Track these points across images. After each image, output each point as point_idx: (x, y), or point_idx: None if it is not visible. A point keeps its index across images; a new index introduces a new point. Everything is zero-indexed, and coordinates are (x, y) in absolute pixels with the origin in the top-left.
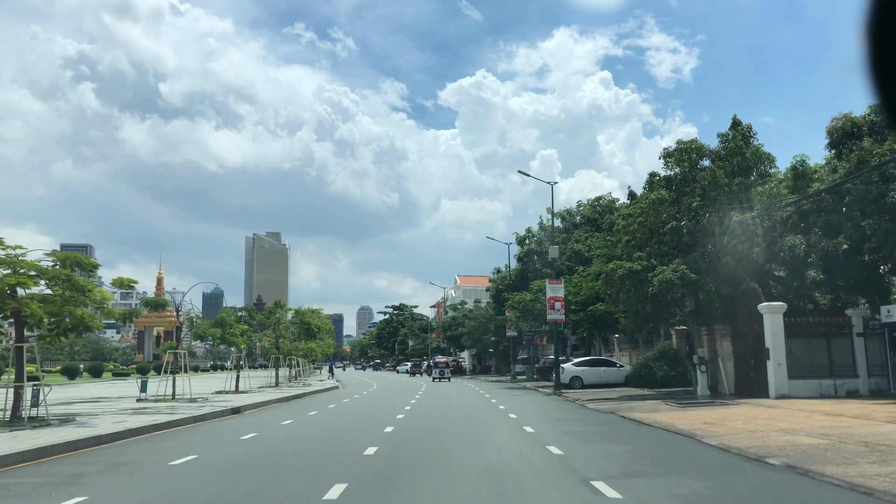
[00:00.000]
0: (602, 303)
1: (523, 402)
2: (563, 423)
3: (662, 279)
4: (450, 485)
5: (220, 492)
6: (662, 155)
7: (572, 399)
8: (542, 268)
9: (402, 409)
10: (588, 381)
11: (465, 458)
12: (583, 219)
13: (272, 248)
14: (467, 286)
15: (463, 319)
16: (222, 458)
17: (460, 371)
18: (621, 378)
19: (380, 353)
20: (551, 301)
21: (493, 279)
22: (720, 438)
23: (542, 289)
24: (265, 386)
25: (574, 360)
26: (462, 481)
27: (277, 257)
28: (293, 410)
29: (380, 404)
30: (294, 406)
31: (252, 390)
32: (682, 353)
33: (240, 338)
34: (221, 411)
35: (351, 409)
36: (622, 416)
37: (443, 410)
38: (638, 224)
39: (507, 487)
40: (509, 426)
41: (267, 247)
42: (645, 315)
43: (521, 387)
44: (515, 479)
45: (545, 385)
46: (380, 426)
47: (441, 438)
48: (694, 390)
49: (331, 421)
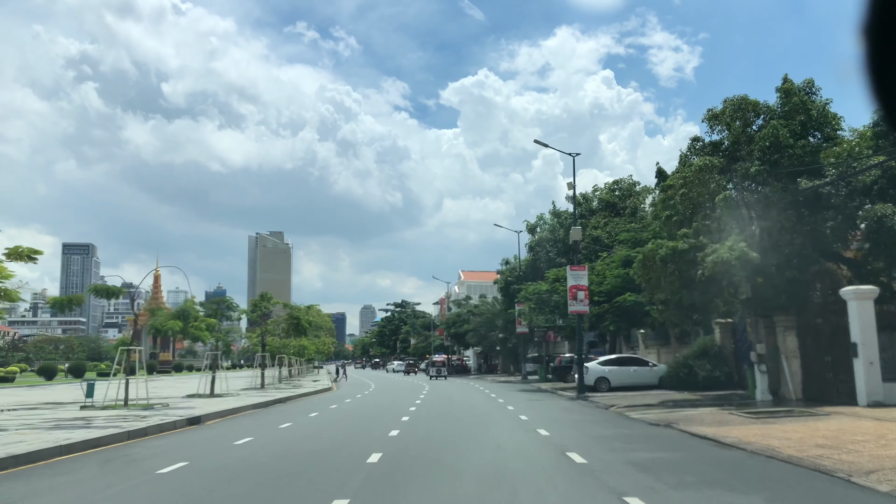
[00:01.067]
0: (631, 293)
1: (547, 409)
2: (616, 445)
3: (717, 259)
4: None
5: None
6: (707, 117)
7: (604, 405)
8: (556, 256)
9: (399, 419)
10: (616, 382)
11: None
12: (601, 203)
13: (275, 247)
14: (472, 282)
15: (468, 316)
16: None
17: (465, 370)
18: (654, 379)
19: (381, 351)
20: (573, 290)
21: (502, 271)
22: (877, 476)
23: (559, 278)
24: (249, 388)
25: (598, 358)
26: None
27: (280, 256)
28: (265, 420)
29: (374, 411)
30: (270, 414)
31: (231, 393)
32: (726, 351)
33: (205, 332)
34: (173, 422)
35: (335, 419)
36: (687, 433)
37: (451, 424)
38: (681, 196)
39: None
40: (547, 451)
41: (270, 246)
42: (690, 304)
43: (536, 389)
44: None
45: (564, 387)
46: (373, 442)
47: (453, 477)
48: (751, 394)
49: (302, 438)
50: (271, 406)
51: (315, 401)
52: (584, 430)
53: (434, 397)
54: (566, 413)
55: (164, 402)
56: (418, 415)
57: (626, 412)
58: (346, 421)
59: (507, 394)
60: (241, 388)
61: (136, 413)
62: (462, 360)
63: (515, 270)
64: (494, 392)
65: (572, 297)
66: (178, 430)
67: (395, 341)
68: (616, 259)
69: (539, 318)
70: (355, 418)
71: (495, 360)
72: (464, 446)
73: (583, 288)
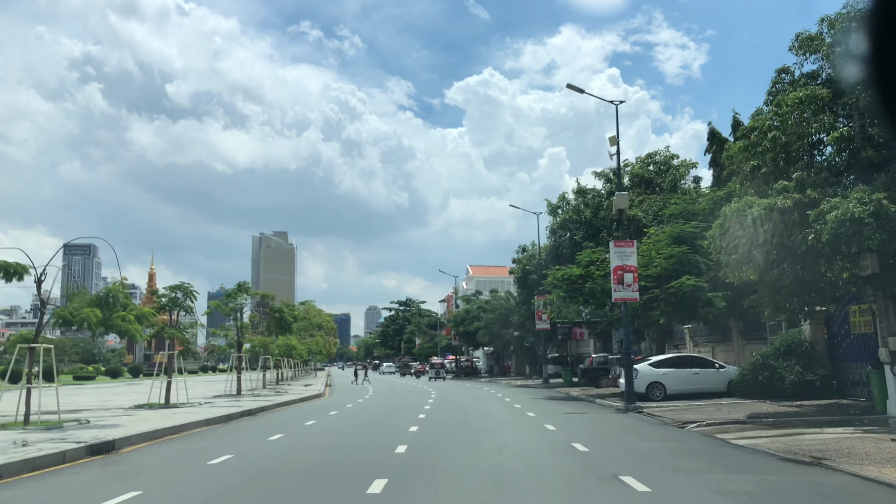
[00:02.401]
0: (691, 276)
1: (598, 428)
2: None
3: (841, 216)
4: None
5: None
6: (795, 46)
7: (673, 421)
8: (583, 240)
9: (406, 431)
10: (673, 388)
11: None
12: (634, 179)
13: (279, 247)
14: (480, 277)
15: (478, 312)
16: None
17: (474, 372)
18: (721, 384)
19: (385, 352)
20: (618, 272)
21: (519, 258)
22: None
23: (594, 261)
24: (223, 395)
25: (649, 358)
26: None
27: (284, 257)
28: (205, 446)
29: (368, 426)
30: (221, 435)
31: (190, 403)
32: (818, 348)
33: (135, 325)
34: (61, 454)
35: (303, 448)
36: (873, 481)
37: (475, 459)
38: (771, 141)
39: None
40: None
41: (274, 246)
42: (794, 283)
43: (564, 396)
44: None
45: (599, 394)
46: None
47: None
48: (878, 407)
49: (220, 500)
50: (234, 421)
51: (295, 412)
52: (692, 477)
53: (443, 410)
54: (632, 436)
55: (84, 418)
56: (425, 438)
57: (718, 434)
58: (319, 454)
59: (534, 403)
60: (213, 396)
61: (25, 436)
62: (471, 361)
63: (534, 258)
64: (514, 399)
65: (617, 280)
66: (68, 464)
67: (400, 342)
68: (665, 237)
69: (570, 308)
70: (351, 434)
71: (507, 361)
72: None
73: (631, 269)
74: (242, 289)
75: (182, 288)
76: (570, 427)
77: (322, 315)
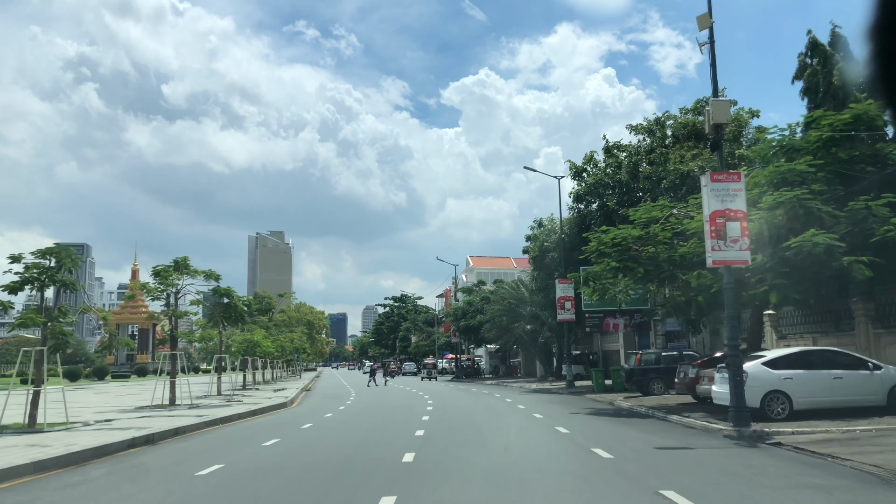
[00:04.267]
0: (817, 231)
1: (762, 495)
2: None
3: None
4: None
5: None
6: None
7: (869, 469)
8: (619, 207)
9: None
10: (803, 401)
11: None
12: (681, 131)
13: (275, 247)
14: (482, 268)
15: (481, 304)
16: None
17: (476, 373)
18: (879, 394)
19: (379, 351)
20: (717, 221)
21: (534, 234)
22: None
23: (655, 219)
24: (148, 405)
25: (763, 354)
26: None
27: (281, 257)
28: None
29: (339, 454)
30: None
31: (76, 423)
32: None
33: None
34: None
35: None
36: None
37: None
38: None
39: None
40: None
41: (270, 246)
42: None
43: (611, 408)
44: None
45: (660, 404)
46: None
47: None
48: None
49: None
50: (105, 459)
51: (228, 435)
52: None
53: (442, 433)
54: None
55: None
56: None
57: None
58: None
59: (581, 424)
60: (135, 408)
61: None
62: (473, 360)
63: (552, 234)
64: (549, 416)
65: (715, 233)
66: None
67: (394, 340)
68: (766, 176)
69: (622, 286)
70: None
71: (514, 360)
72: None
73: (737, 215)
74: (181, 266)
75: (55, 252)
76: (708, 491)
77: (314, 312)
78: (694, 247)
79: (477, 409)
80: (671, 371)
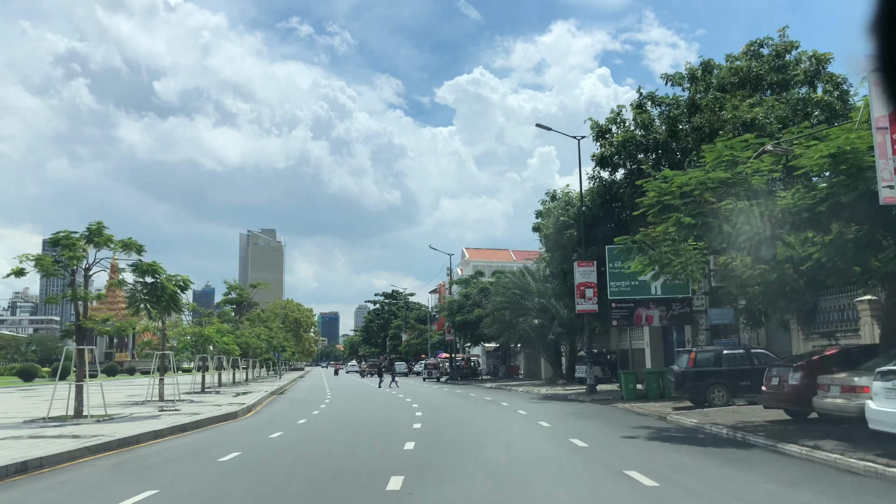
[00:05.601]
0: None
1: None
2: None
3: None
4: None
5: None
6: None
7: None
8: (654, 168)
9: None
10: None
11: None
12: (732, 78)
13: (267, 244)
14: (479, 261)
15: (479, 298)
16: None
17: (473, 374)
18: None
19: (369, 350)
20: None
21: (547, 210)
22: None
23: (738, 160)
24: (42, 417)
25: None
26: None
27: (272, 255)
28: None
29: None
30: None
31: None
32: None
33: None
34: None
35: None
36: None
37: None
38: None
39: None
40: None
41: (261, 244)
42: None
43: (674, 426)
44: None
45: (744, 422)
46: None
47: None
48: None
49: None
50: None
51: (78, 482)
52: None
53: (440, 489)
54: None
55: None
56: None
57: None
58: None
59: (663, 465)
60: (27, 419)
61: None
62: (468, 360)
63: (570, 207)
64: (601, 449)
65: (882, 152)
66: None
67: (385, 338)
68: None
69: (693, 256)
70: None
71: (515, 361)
72: None
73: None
74: (93, 234)
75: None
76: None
77: (301, 310)
78: (801, 197)
79: (482, 426)
80: (735, 374)
